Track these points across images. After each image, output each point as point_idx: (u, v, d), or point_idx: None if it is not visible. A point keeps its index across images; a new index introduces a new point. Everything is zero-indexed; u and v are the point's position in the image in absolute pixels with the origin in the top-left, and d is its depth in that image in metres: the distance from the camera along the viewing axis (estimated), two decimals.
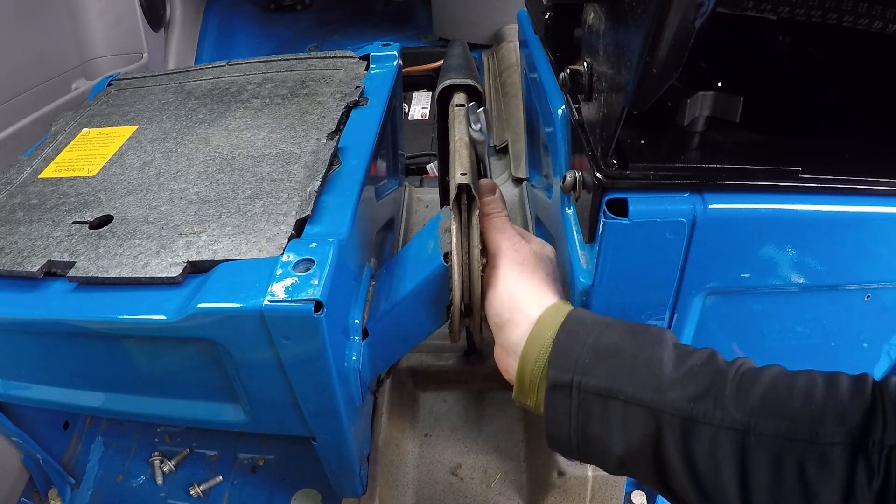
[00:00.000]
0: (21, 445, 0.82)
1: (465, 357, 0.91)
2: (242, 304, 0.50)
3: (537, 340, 0.50)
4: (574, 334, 0.48)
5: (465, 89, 0.69)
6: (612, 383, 0.45)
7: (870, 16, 0.46)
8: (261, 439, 0.92)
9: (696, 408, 0.42)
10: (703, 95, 0.51)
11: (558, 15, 0.68)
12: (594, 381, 0.45)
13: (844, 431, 0.38)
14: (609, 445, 0.45)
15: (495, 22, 1.74)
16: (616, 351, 0.46)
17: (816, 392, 0.41)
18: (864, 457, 0.37)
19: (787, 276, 0.52)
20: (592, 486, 0.77)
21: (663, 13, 0.37)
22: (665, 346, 0.46)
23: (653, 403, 0.43)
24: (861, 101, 0.60)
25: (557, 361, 0.47)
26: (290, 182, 0.65)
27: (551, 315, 0.51)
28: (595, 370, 0.46)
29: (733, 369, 0.44)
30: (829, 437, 0.38)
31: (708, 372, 0.44)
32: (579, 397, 0.46)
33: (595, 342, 0.47)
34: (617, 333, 0.47)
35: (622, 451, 0.45)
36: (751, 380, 0.42)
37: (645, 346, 0.46)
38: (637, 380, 0.44)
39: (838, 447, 0.38)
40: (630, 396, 0.44)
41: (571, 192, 0.55)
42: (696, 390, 0.43)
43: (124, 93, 0.93)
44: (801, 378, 0.42)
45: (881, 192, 0.49)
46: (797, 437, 0.39)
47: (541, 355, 0.49)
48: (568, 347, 0.47)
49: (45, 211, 0.66)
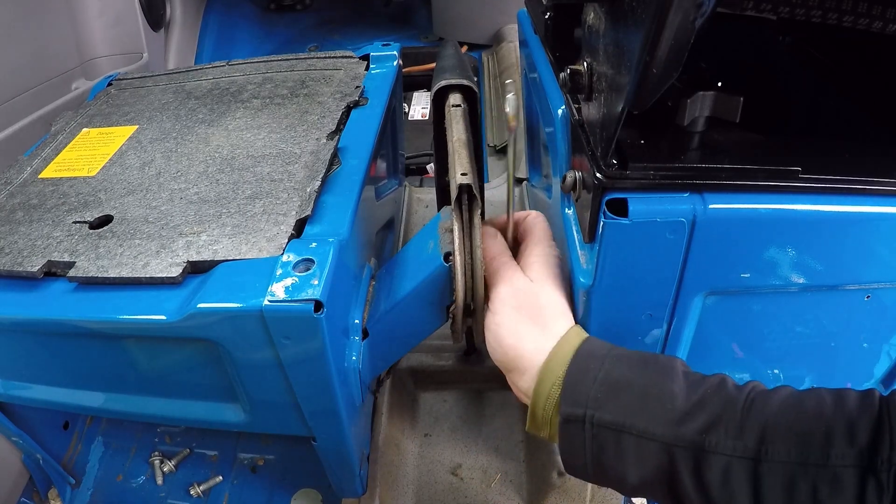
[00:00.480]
0: (21, 445, 0.82)
1: (465, 357, 0.91)
2: (242, 304, 0.50)
3: (548, 379, 0.50)
4: (585, 368, 0.48)
5: (460, 90, 0.69)
6: (624, 418, 0.45)
7: (870, 16, 0.46)
8: (261, 439, 0.92)
9: (708, 438, 0.43)
10: (703, 95, 0.51)
11: (558, 15, 0.67)
12: (607, 416, 0.46)
13: (854, 453, 0.39)
14: (624, 475, 0.46)
15: (495, 22, 1.74)
16: (627, 384, 0.47)
17: (825, 411, 0.41)
18: (874, 476, 0.38)
19: (788, 276, 0.52)
20: (592, 486, 0.77)
21: (663, 13, 0.37)
22: (675, 376, 0.46)
23: (665, 438, 0.44)
24: (861, 101, 0.60)
25: (569, 396, 0.48)
26: (290, 182, 0.65)
27: (560, 350, 0.51)
28: (607, 405, 0.46)
29: (743, 395, 0.44)
30: (840, 460, 0.39)
31: (718, 401, 0.44)
32: (593, 431, 0.46)
33: (606, 376, 0.47)
34: (627, 366, 0.48)
35: (637, 481, 0.46)
36: (760, 404, 0.43)
37: (656, 378, 0.46)
38: (649, 414, 0.45)
39: (850, 469, 0.39)
40: (643, 431, 0.45)
41: (571, 192, 0.55)
42: (707, 421, 0.43)
43: (124, 93, 0.93)
44: (809, 398, 0.43)
45: (881, 192, 0.49)
46: (809, 462, 0.40)
47: (552, 391, 0.49)
48: (579, 381, 0.48)
49: (45, 211, 0.66)
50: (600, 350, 0.50)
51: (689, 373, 0.48)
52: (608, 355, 0.49)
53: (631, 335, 0.56)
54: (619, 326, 0.55)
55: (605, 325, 0.55)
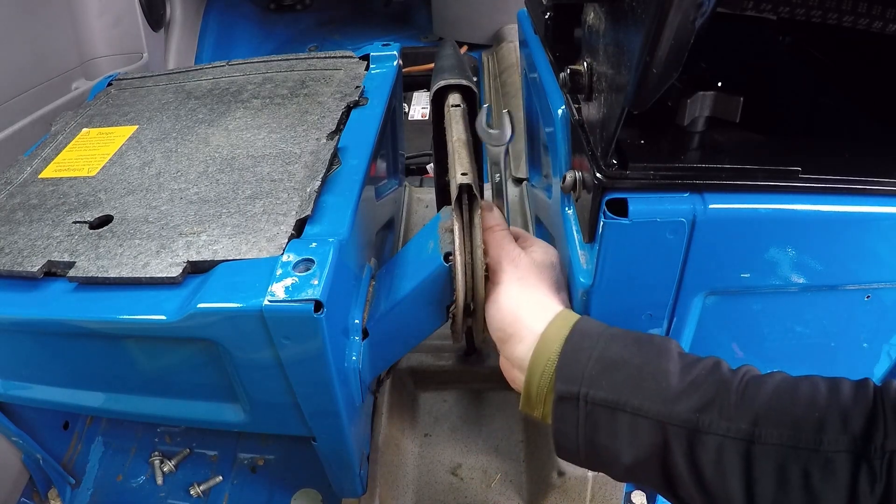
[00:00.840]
0: (21, 445, 0.82)
1: (464, 357, 0.91)
2: (242, 304, 0.50)
3: (543, 353, 0.50)
4: (579, 346, 0.48)
5: (459, 90, 0.69)
6: (618, 395, 0.45)
7: (870, 16, 0.46)
8: (261, 439, 0.92)
9: (702, 418, 0.43)
10: (703, 95, 0.51)
11: (558, 15, 0.67)
12: (601, 394, 0.46)
13: (847, 439, 0.39)
14: (617, 455, 0.46)
15: (495, 22, 1.74)
16: (622, 362, 0.47)
17: (819, 399, 0.41)
18: (867, 463, 0.38)
19: (787, 276, 0.52)
20: (592, 487, 0.77)
21: (663, 13, 0.37)
22: (670, 356, 0.46)
23: (659, 415, 0.44)
24: (861, 101, 0.60)
25: (564, 374, 0.48)
26: (290, 182, 0.65)
27: (556, 326, 0.51)
28: (601, 382, 0.46)
29: (737, 378, 0.44)
30: (833, 445, 0.39)
31: (713, 381, 0.44)
32: (587, 409, 0.46)
33: (601, 354, 0.47)
34: (622, 344, 0.48)
35: (630, 461, 0.45)
36: (754, 388, 0.43)
37: (650, 357, 0.46)
38: (643, 392, 0.45)
39: (842, 454, 0.39)
40: (637, 408, 0.45)
41: (571, 192, 0.55)
42: (701, 400, 0.43)
43: (124, 93, 0.93)
44: (803, 385, 0.43)
45: (881, 192, 0.49)
46: (801, 446, 0.40)
47: (547, 368, 0.49)
48: (574, 360, 0.48)
49: (45, 211, 0.66)
50: (595, 329, 0.50)
51: (684, 354, 0.48)
52: (603, 334, 0.49)
53: None
54: (619, 326, 0.55)
55: None
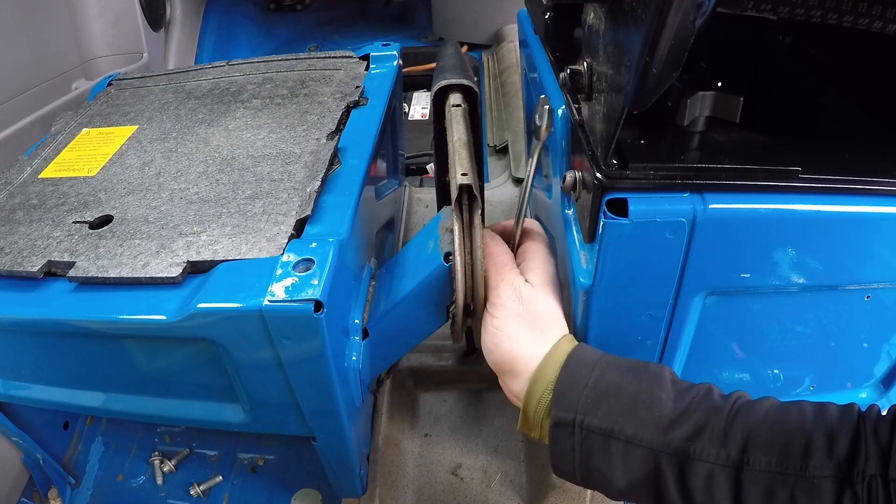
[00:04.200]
0: (21, 445, 0.82)
1: (465, 357, 0.91)
2: (242, 304, 0.50)
3: (540, 381, 0.51)
4: (576, 374, 0.49)
5: (460, 89, 0.69)
6: (613, 424, 0.46)
7: (870, 16, 0.46)
8: (261, 439, 0.92)
9: (693, 446, 0.44)
10: (703, 95, 0.51)
11: (558, 15, 0.68)
12: (595, 421, 0.47)
13: (832, 464, 0.40)
14: (611, 479, 0.47)
15: (495, 22, 1.74)
16: (616, 391, 0.48)
17: (806, 424, 0.43)
18: (850, 488, 0.39)
19: (787, 276, 0.52)
20: None
21: (663, 13, 0.37)
22: (664, 384, 0.47)
23: (652, 444, 0.45)
24: (861, 101, 0.60)
25: (560, 402, 0.49)
26: (290, 182, 0.65)
27: (553, 354, 0.52)
28: (596, 410, 0.47)
29: (728, 404, 0.45)
30: (818, 471, 0.40)
31: (704, 409, 0.45)
32: (581, 435, 0.48)
33: (596, 382, 0.48)
34: (617, 373, 0.49)
35: (623, 485, 0.47)
36: (745, 415, 0.44)
37: (644, 386, 0.47)
38: (637, 420, 0.46)
39: (826, 480, 0.40)
40: (631, 437, 0.46)
41: (571, 192, 0.55)
42: (692, 428, 0.45)
43: (124, 93, 0.93)
44: (792, 410, 0.44)
45: (881, 192, 0.49)
46: (788, 472, 0.41)
47: (544, 395, 0.50)
48: (570, 388, 0.49)
49: (45, 211, 0.66)
50: (591, 357, 0.51)
51: (678, 381, 0.49)
52: (599, 362, 0.50)
53: (631, 335, 0.56)
54: (618, 326, 0.55)
55: (604, 325, 0.55)
